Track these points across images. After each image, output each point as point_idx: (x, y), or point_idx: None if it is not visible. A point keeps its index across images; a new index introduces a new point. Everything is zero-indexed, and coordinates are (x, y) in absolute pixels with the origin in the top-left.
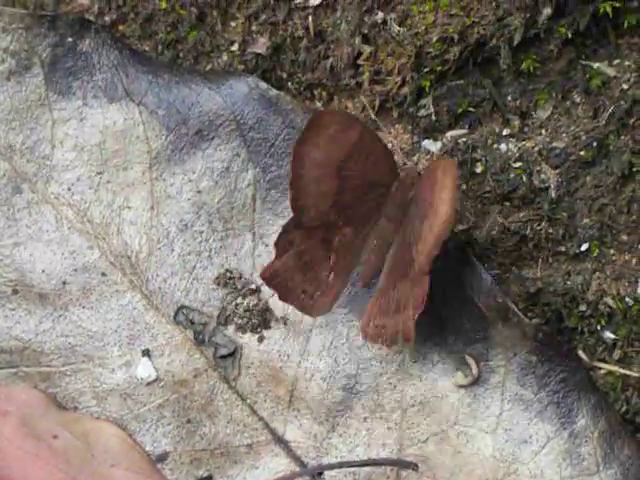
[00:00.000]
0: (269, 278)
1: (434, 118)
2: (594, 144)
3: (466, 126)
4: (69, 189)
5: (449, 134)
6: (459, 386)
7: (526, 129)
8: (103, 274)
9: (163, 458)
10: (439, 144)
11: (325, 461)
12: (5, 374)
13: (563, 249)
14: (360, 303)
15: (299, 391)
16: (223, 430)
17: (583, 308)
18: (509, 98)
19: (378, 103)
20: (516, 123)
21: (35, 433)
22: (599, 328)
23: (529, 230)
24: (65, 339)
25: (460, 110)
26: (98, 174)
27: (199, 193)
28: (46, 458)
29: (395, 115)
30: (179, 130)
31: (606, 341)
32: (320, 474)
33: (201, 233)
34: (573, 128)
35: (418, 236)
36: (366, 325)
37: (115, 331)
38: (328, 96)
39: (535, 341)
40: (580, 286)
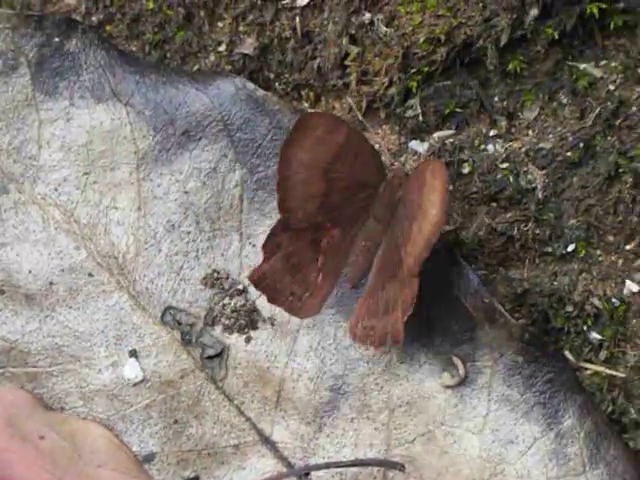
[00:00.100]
0: (257, 281)
1: (421, 119)
2: (581, 145)
3: (453, 127)
4: (56, 189)
5: (436, 135)
6: (446, 387)
7: (513, 130)
8: (90, 275)
9: (150, 459)
10: (426, 145)
11: (312, 462)
12: None
13: (550, 250)
14: (347, 304)
15: (286, 392)
16: (210, 431)
17: (569, 309)
18: (496, 99)
19: (365, 104)
20: (503, 124)
21: (21, 434)
22: (585, 329)
23: (516, 231)
24: (52, 340)
25: (447, 111)
26: (85, 174)
27: (186, 193)
28: (33, 459)
29: (382, 116)
30: (166, 130)
31: (592, 342)
32: (307, 475)
33: (188, 234)
34: (560, 129)
35: (407, 237)
36: (354, 326)
37: (102, 332)
38: (315, 97)
39: (521, 342)
40: (566, 287)
